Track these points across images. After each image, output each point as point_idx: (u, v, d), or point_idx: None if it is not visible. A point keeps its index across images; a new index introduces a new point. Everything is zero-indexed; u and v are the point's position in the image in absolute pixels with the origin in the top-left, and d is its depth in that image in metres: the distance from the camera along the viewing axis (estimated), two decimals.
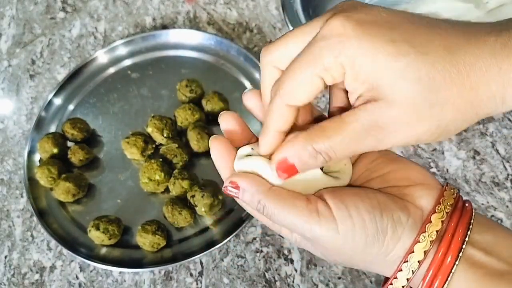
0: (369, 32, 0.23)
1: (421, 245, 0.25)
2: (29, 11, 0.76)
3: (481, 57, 0.22)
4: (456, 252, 0.25)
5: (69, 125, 0.58)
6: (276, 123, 0.26)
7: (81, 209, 0.56)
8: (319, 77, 0.24)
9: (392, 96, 0.23)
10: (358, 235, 0.25)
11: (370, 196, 0.27)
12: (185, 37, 0.67)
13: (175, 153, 0.56)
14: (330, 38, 0.23)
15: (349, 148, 0.25)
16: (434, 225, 0.26)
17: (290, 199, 0.26)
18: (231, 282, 0.50)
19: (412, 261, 0.25)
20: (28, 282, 0.53)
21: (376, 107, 0.23)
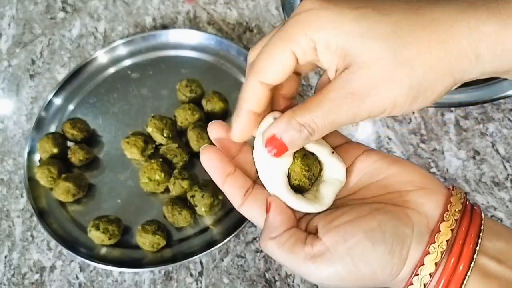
0: (335, 3, 0.24)
1: (432, 256, 0.24)
2: (29, 11, 0.76)
3: (447, 13, 0.23)
4: (468, 262, 0.24)
5: (69, 125, 0.58)
6: (249, 101, 0.27)
7: (81, 209, 0.56)
8: (290, 52, 0.25)
9: (361, 58, 0.23)
10: (363, 267, 0.24)
11: (367, 218, 0.25)
12: (185, 37, 0.67)
13: (175, 153, 0.56)
14: (300, 13, 0.24)
15: (328, 118, 0.25)
16: (444, 235, 0.24)
17: (288, 247, 0.26)
18: (231, 282, 0.50)
19: (423, 274, 0.24)
20: (28, 282, 0.53)
21: (348, 73, 0.24)
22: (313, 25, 0.24)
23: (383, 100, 0.24)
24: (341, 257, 0.25)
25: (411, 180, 0.27)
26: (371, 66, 0.23)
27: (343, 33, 0.23)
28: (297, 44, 0.24)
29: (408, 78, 0.23)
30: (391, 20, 0.23)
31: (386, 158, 0.29)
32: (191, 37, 0.66)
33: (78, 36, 0.72)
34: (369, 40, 0.23)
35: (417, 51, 0.23)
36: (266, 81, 0.26)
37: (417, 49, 0.23)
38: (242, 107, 0.27)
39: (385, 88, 0.23)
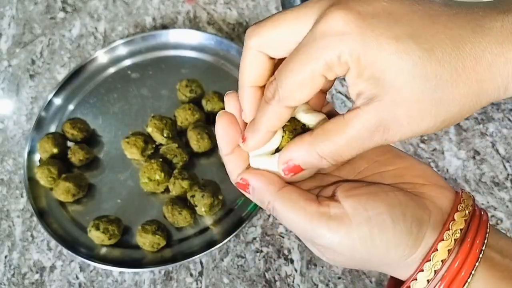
0: (372, 28, 0.22)
1: (445, 243, 0.24)
2: (29, 11, 0.76)
3: (487, 48, 0.22)
4: (477, 254, 0.24)
5: (69, 125, 0.58)
6: (272, 124, 0.25)
7: (81, 209, 0.56)
8: (321, 76, 0.23)
9: (397, 95, 0.22)
10: (378, 239, 0.24)
11: (390, 194, 0.25)
12: (185, 37, 0.67)
13: (175, 153, 0.56)
14: (332, 35, 0.22)
15: (354, 149, 0.24)
16: (458, 223, 0.25)
17: (301, 202, 0.25)
18: (231, 282, 0.50)
19: (435, 260, 0.24)
20: (28, 282, 0.53)
21: (380, 107, 0.22)
22: (349, 50, 0.22)
23: (414, 132, 0.23)
24: (359, 225, 0.24)
25: (423, 175, 0.27)
26: (407, 104, 0.22)
27: (382, 67, 0.22)
28: (330, 69, 0.23)
29: (443, 115, 0.23)
30: (434, 59, 0.21)
31: (396, 151, 0.29)
32: (191, 37, 0.66)
33: (78, 36, 0.72)
34: (410, 81, 0.22)
35: (456, 92, 0.22)
36: (294, 105, 0.25)
37: (456, 90, 0.22)
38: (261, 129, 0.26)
39: (416, 123, 0.23)
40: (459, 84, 0.22)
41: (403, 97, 0.22)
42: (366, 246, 0.24)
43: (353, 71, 0.23)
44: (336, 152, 0.24)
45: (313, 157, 0.24)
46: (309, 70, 0.23)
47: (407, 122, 0.23)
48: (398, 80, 0.22)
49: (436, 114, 0.23)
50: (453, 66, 0.22)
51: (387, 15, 0.22)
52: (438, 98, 0.22)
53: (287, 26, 0.24)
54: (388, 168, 0.28)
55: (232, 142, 0.27)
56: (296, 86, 0.23)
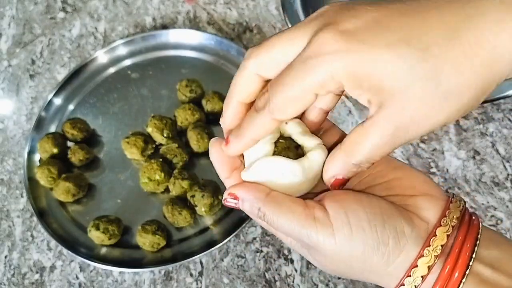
0: (364, 42, 0.22)
1: (425, 259, 0.25)
2: (29, 11, 0.76)
3: (487, 29, 0.21)
4: (463, 269, 0.24)
5: (69, 125, 0.58)
6: (257, 134, 0.27)
7: (81, 209, 0.56)
8: (313, 93, 0.24)
9: (402, 99, 0.22)
10: (355, 244, 0.25)
11: (374, 203, 0.26)
12: (185, 37, 0.67)
13: (175, 153, 0.56)
14: (324, 54, 0.22)
15: (383, 152, 0.25)
16: (439, 239, 0.25)
17: (288, 204, 0.26)
18: (231, 282, 0.50)
19: (415, 276, 0.25)
20: (28, 282, 0.53)
21: (392, 113, 0.23)
22: (342, 68, 0.22)
23: (433, 124, 0.23)
24: (339, 228, 0.25)
25: (413, 186, 0.28)
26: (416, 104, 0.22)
27: (380, 76, 0.22)
28: (323, 87, 0.23)
29: (456, 106, 0.23)
30: (430, 55, 0.21)
31: (390, 162, 0.29)
32: (191, 37, 0.66)
33: (78, 36, 0.72)
34: (412, 83, 0.22)
35: (463, 80, 0.22)
36: (283, 119, 0.26)
37: (463, 79, 0.22)
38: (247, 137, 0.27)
39: (433, 119, 0.23)
40: (465, 72, 0.22)
41: (409, 100, 0.22)
42: (344, 248, 0.25)
43: (349, 85, 0.23)
44: (369, 157, 0.25)
45: (351, 167, 0.26)
46: (302, 87, 0.24)
47: (423, 120, 0.23)
48: (399, 86, 0.22)
49: (449, 106, 0.22)
50: (453, 57, 0.21)
51: (376, 25, 0.22)
52: (445, 91, 0.22)
53: (282, 48, 0.25)
54: (379, 181, 0.28)
55: (228, 166, 0.29)
56: (287, 101, 0.24)
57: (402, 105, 0.22)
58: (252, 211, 0.27)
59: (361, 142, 0.24)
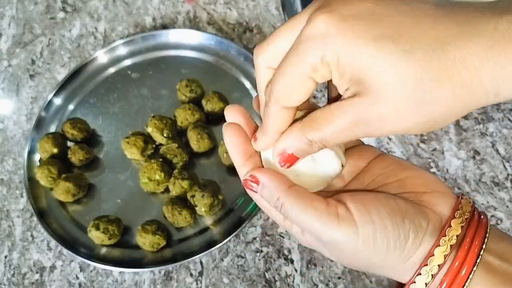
0: (353, 29, 0.22)
1: (442, 248, 0.25)
2: (29, 11, 0.76)
3: (475, 51, 0.21)
4: (474, 259, 0.25)
5: (69, 125, 0.58)
6: (276, 125, 0.27)
7: (81, 209, 0.56)
8: (309, 78, 0.24)
9: (377, 93, 0.22)
10: (379, 240, 0.25)
11: (391, 201, 0.27)
12: (185, 37, 0.67)
13: (175, 153, 0.56)
14: (314, 38, 0.23)
15: (339, 137, 0.25)
16: (454, 230, 0.26)
17: (310, 200, 0.26)
18: (231, 282, 0.50)
19: (432, 265, 0.25)
20: (28, 282, 0.53)
21: (362, 104, 0.23)
22: (330, 52, 0.22)
23: (396, 130, 0.24)
24: (363, 226, 0.25)
25: (424, 183, 0.28)
26: (387, 103, 0.22)
27: (362, 67, 0.22)
28: (316, 71, 0.24)
29: (425, 116, 0.23)
30: (413, 60, 0.21)
31: (400, 162, 0.30)
32: (191, 37, 0.66)
33: (78, 36, 0.72)
34: (389, 81, 0.22)
35: (438, 94, 0.22)
36: (290, 106, 0.26)
37: (439, 92, 0.22)
38: (269, 132, 0.27)
39: (399, 123, 0.23)
40: (443, 86, 0.21)
41: (382, 96, 0.22)
42: (369, 246, 0.25)
43: (335, 72, 0.23)
44: (323, 138, 0.25)
45: (304, 142, 0.26)
46: (298, 73, 0.24)
47: (387, 120, 0.23)
48: (377, 81, 0.22)
49: (417, 115, 0.23)
50: (435, 68, 0.21)
51: (370, 16, 0.22)
52: (419, 99, 0.22)
53: (285, 38, 0.25)
54: (391, 180, 0.29)
55: (243, 152, 0.29)
56: (287, 88, 0.25)
57: (374, 100, 0.23)
58: (271, 199, 0.27)
59: (321, 119, 0.25)
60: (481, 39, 0.21)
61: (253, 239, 0.52)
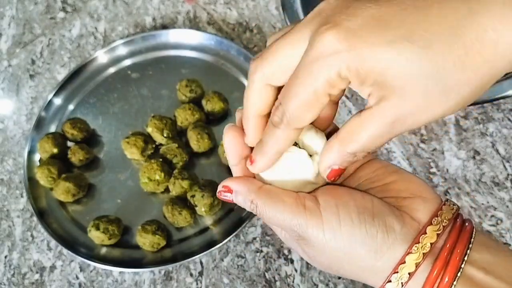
0: (365, 39, 0.22)
1: (413, 256, 0.25)
2: (29, 11, 0.76)
3: (489, 25, 0.21)
4: (454, 271, 0.24)
5: (69, 125, 0.58)
6: (280, 147, 0.27)
7: (81, 209, 0.56)
8: (325, 94, 0.24)
9: (403, 92, 0.22)
10: (343, 234, 0.25)
11: (366, 198, 0.27)
12: (185, 37, 0.67)
13: (175, 153, 0.56)
14: (327, 56, 0.22)
15: (378, 142, 0.25)
16: (429, 237, 0.25)
17: (279, 195, 0.27)
18: (231, 282, 0.50)
19: (402, 273, 0.25)
20: (28, 282, 0.53)
21: (392, 106, 0.23)
22: (348, 66, 0.22)
23: (431, 117, 0.24)
24: (328, 217, 0.26)
25: (407, 188, 0.28)
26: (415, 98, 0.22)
27: (383, 72, 0.22)
28: (333, 87, 0.23)
29: (454, 100, 0.23)
30: (433, 53, 0.21)
31: (388, 167, 0.29)
32: (191, 37, 0.66)
33: (78, 36, 0.72)
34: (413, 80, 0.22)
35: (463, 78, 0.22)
36: (302, 126, 0.26)
37: (463, 76, 0.22)
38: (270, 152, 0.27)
39: (431, 111, 0.23)
40: (466, 69, 0.22)
41: (409, 94, 0.22)
42: (333, 239, 0.25)
43: (355, 82, 0.23)
44: (364, 147, 0.25)
45: (347, 156, 0.26)
46: (313, 91, 0.23)
47: (421, 112, 0.23)
48: (400, 82, 0.22)
49: (448, 100, 0.23)
50: (455, 54, 0.21)
51: (377, 22, 0.22)
52: (446, 87, 0.22)
53: (285, 54, 0.25)
54: (376, 184, 0.29)
55: (239, 154, 0.29)
56: (302, 108, 0.24)
57: (402, 99, 0.23)
58: (245, 204, 0.28)
59: (357, 131, 0.24)
60: (492, 11, 0.21)
61: (253, 239, 0.52)
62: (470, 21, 0.21)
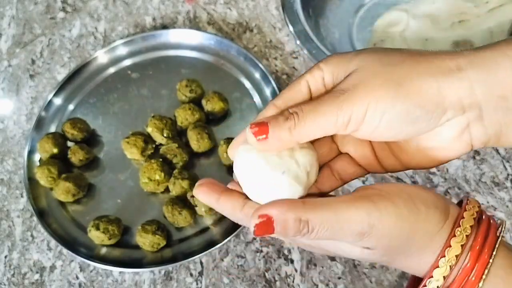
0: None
1: (458, 238, 0.26)
2: (29, 11, 0.76)
3: (423, 77, 0.26)
4: (492, 246, 0.26)
5: (69, 125, 0.58)
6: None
7: (81, 209, 0.56)
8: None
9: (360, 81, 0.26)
10: (419, 202, 0.26)
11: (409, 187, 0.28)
12: (185, 37, 0.67)
13: (175, 153, 0.56)
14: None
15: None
16: (467, 221, 0.26)
17: (330, 200, 0.25)
18: (231, 282, 0.50)
19: (450, 256, 0.25)
20: (28, 282, 0.53)
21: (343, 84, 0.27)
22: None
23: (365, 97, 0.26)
24: (399, 195, 0.26)
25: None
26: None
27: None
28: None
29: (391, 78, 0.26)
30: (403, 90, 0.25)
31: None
32: (191, 37, 0.66)
33: (78, 36, 0.72)
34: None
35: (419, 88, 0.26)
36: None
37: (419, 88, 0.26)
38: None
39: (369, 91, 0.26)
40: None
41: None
42: (413, 212, 0.25)
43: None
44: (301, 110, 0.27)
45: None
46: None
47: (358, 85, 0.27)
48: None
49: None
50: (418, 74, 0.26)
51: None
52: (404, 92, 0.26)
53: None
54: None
55: (217, 191, 0.29)
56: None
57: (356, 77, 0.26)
58: (292, 226, 0.24)
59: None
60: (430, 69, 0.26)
61: (253, 239, 0.52)
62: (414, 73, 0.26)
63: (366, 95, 0.25)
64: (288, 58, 0.65)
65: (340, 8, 0.67)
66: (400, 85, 0.25)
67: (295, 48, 0.66)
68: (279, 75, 0.64)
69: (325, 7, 0.66)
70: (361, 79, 0.26)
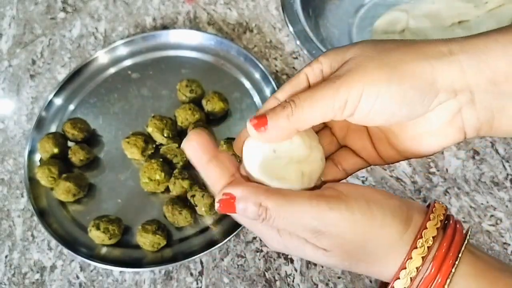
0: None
1: (419, 250, 0.26)
2: (29, 11, 0.76)
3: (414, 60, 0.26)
4: (455, 254, 0.26)
5: (69, 125, 0.59)
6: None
7: (82, 209, 0.56)
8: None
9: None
10: (375, 210, 0.26)
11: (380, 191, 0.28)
12: (185, 37, 0.67)
13: (175, 153, 0.56)
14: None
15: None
16: (430, 231, 0.26)
17: (292, 194, 0.26)
18: (231, 282, 0.50)
19: (411, 268, 0.26)
20: (28, 282, 0.53)
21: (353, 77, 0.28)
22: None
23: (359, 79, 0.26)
24: (356, 199, 0.26)
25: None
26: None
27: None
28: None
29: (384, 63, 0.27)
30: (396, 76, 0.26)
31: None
32: (191, 37, 0.67)
33: (78, 36, 0.72)
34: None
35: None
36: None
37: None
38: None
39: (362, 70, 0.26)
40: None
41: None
42: (366, 217, 0.26)
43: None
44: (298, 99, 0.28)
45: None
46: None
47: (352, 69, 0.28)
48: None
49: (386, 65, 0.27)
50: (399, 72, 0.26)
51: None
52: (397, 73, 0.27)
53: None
54: None
55: (208, 153, 0.29)
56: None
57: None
58: (250, 210, 0.26)
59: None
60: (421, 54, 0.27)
61: (253, 238, 0.53)
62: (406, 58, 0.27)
63: (362, 78, 0.26)
64: (288, 58, 0.66)
65: (340, 8, 0.67)
66: (394, 68, 0.26)
67: (295, 48, 0.66)
68: (279, 75, 0.64)
69: (325, 7, 0.66)
70: (356, 64, 0.26)
